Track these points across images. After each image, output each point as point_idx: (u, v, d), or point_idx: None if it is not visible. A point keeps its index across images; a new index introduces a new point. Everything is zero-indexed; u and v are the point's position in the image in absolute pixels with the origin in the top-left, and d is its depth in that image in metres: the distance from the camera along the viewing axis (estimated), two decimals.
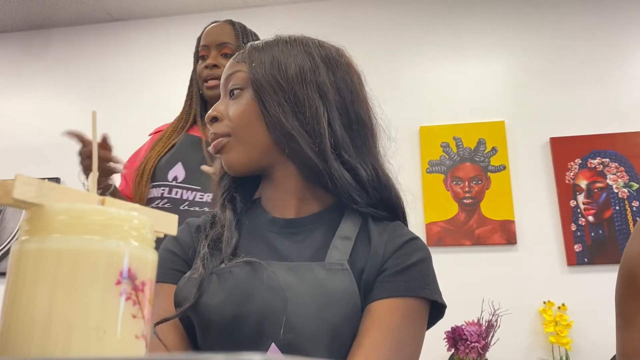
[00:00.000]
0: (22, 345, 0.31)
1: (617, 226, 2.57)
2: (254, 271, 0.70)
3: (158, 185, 1.39)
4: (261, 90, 0.76)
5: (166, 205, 1.35)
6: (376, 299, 0.70)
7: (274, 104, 0.75)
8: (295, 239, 0.77)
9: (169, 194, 1.37)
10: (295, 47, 0.81)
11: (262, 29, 1.50)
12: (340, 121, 0.78)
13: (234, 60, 0.83)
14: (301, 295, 0.68)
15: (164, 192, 1.37)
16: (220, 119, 0.80)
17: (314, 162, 0.74)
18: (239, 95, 0.79)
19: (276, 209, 0.81)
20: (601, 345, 2.33)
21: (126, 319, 0.33)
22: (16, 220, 3.03)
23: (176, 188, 1.37)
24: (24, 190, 0.33)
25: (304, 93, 0.76)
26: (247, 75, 0.79)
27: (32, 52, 3.43)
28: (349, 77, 0.82)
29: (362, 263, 0.73)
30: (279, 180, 0.80)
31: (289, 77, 0.77)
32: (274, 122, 0.75)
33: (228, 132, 0.79)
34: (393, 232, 0.76)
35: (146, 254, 0.35)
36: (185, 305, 0.69)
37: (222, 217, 0.79)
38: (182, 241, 0.80)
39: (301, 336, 0.66)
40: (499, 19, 3.03)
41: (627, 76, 2.83)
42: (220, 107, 0.81)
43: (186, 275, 0.74)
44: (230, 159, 0.79)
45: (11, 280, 0.33)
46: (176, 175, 1.39)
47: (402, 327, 0.69)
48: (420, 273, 0.72)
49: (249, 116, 0.77)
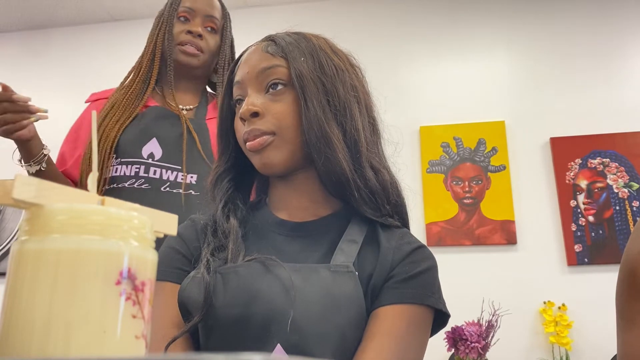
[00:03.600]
0: (22, 345, 0.31)
1: (617, 226, 2.57)
2: (260, 271, 0.70)
3: (129, 162, 1.23)
4: (306, 89, 0.74)
5: (144, 186, 1.21)
6: (383, 305, 0.70)
7: (317, 105, 0.74)
8: (302, 242, 0.76)
9: (146, 173, 1.22)
10: (324, 46, 0.80)
11: (262, 29, 1.50)
12: (366, 125, 0.79)
13: (264, 52, 0.78)
14: (307, 296, 0.67)
15: (139, 170, 1.22)
16: (261, 115, 0.75)
17: (342, 171, 0.73)
18: (281, 92, 0.76)
19: (286, 211, 0.80)
20: (601, 345, 2.33)
21: (126, 319, 0.33)
22: (16, 220, 3.03)
23: (154, 167, 1.22)
24: (24, 190, 0.32)
25: (344, 95, 0.76)
26: (288, 72, 0.76)
27: (32, 52, 3.43)
28: (365, 79, 0.83)
29: (371, 267, 0.72)
30: (297, 183, 0.79)
31: (330, 76, 0.76)
32: (312, 124, 0.73)
33: (273, 130, 0.75)
34: (401, 239, 0.76)
35: (146, 254, 0.35)
36: (193, 319, 0.68)
37: (226, 226, 0.76)
38: (187, 239, 0.78)
39: (307, 337, 0.65)
40: (499, 19, 3.03)
41: (628, 76, 2.83)
42: (258, 102, 0.75)
43: (190, 274, 0.72)
44: (273, 158, 0.75)
45: (11, 280, 0.33)
46: (152, 152, 1.24)
47: (408, 334, 0.69)
48: (427, 281, 0.73)
49: (295, 115, 0.75)
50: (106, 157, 1.23)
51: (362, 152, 0.76)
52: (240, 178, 0.84)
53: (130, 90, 1.33)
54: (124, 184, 1.22)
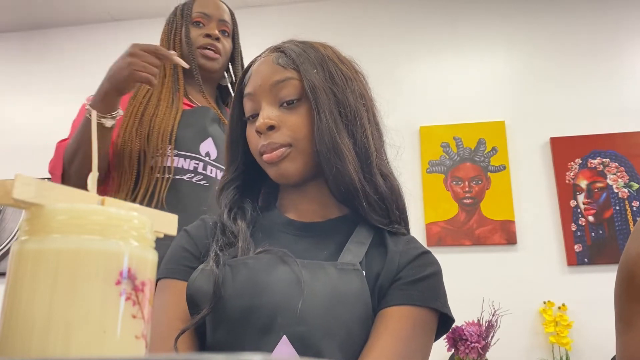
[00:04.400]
0: (22, 345, 0.31)
1: (617, 226, 2.57)
2: (268, 264, 0.71)
3: (187, 156, 1.26)
4: (319, 100, 0.76)
5: (202, 182, 1.24)
6: (390, 305, 0.71)
7: (329, 116, 0.75)
8: (310, 241, 0.77)
9: (204, 171, 1.25)
10: (331, 55, 0.82)
11: (262, 29, 1.50)
12: (374, 132, 0.81)
13: (275, 64, 0.79)
14: (314, 290, 0.68)
15: (197, 166, 1.25)
16: (277, 128, 0.77)
17: (351, 182, 0.75)
18: (296, 105, 0.77)
19: (295, 212, 0.81)
20: (601, 346, 2.33)
21: (126, 319, 0.33)
22: (16, 220, 3.03)
23: (210, 166, 1.27)
24: (24, 190, 0.32)
25: (354, 104, 0.78)
26: (300, 84, 0.77)
27: (32, 52, 3.43)
28: (368, 85, 0.85)
29: (379, 267, 0.74)
30: (308, 190, 0.81)
31: (341, 86, 0.78)
32: (324, 135, 0.74)
33: (289, 142, 0.76)
34: (407, 244, 0.78)
35: (146, 254, 0.35)
36: (201, 312, 0.68)
37: (234, 227, 0.77)
38: (197, 238, 0.79)
39: (313, 330, 0.66)
40: (499, 18, 3.03)
41: (628, 76, 2.83)
42: (273, 115, 0.77)
43: (199, 267, 0.73)
44: (289, 169, 0.77)
45: (11, 280, 0.33)
46: (208, 150, 1.28)
47: (413, 335, 0.70)
48: (434, 285, 0.74)
49: (309, 126, 0.76)
50: (161, 144, 1.23)
51: (373, 160, 0.78)
52: (247, 186, 0.85)
53: (162, 88, 1.32)
54: (183, 177, 1.24)
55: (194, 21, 1.38)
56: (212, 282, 0.69)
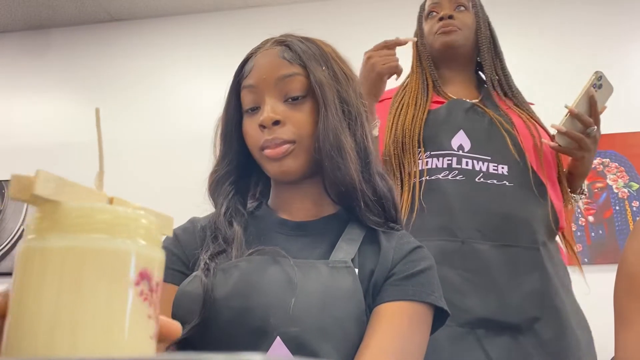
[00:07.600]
0: (29, 344, 0.31)
1: (617, 226, 2.57)
2: (261, 264, 0.70)
3: (439, 154, 1.25)
4: (327, 98, 0.75)
5: (458, 177, 1.22)
6: (384, 301, 0.71)
7: (335, 114, 0.75)
8: (303, 241, 0.77)
9: (459, 165, 1.23)
10: (333, 54, 0.82)
11: (262, 29, 1.50)
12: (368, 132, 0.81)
13: (281, 58, 0.78)
14: (306, 290, 0.67)
15: (451, 162, 1.24)
16: (282, 123, 0.75)
17: (351, 181, 0.74)
18: (301, 102, 0.77)
19: (288, 211, 0.81)
20: (601, 345, 2.32)
21: (133, 318, 0.32)
22: (16, 220, 3.03)
23: (465, 158, 1.24)
24: (46, 187, 0.32)
25: (355, 103, 0.78)
26: (306, 80, 0.76)
27: (32, 52, 3.42)
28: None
29: (372, 264, 0.74)
30: (304, 188, 0.80)
31: (344, 85, 0.78)
32: (329, 132, 0.74)
33: (294, 139, 0.75)
34: (400, 239, 0.78)
35: (154, 253, 0.35)
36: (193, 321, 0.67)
37: (229, 233, 0.76)
38: (184, 241, 0.78)
39: (306, 330, 0.65)
40: (499, 18, 3.03)
41: (628, 76, 2.83)
42: (279, 109, 0.76)
43: (192, 274, 0.72)
44: (292, 165, 0.76)
45: (17, 279, 0.32)
46: (461, 143, 1.27)
47: (409, 331, 0.69)
48: (427, 280, 0.74)
49: (313, 123, 0.76)
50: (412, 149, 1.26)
51: (371, 160, 0.78)
52: (240, 181, 0.83)
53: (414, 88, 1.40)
54: (438, 176, 1.24)
55: (430, 12, 1.46)
56: (202, 291, 0.67)
